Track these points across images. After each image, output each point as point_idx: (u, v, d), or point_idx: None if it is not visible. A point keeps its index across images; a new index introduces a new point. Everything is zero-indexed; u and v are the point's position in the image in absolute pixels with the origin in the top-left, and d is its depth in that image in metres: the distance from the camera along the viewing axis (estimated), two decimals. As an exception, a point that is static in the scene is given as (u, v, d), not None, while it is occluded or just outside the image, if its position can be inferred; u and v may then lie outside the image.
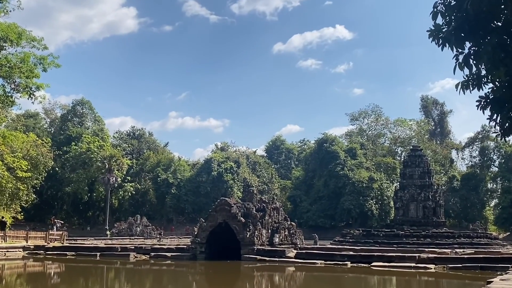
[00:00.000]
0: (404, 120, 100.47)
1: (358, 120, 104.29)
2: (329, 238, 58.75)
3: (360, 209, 74.73)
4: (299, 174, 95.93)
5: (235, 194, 76.73)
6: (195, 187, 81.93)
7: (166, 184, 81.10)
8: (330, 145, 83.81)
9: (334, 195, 79.97)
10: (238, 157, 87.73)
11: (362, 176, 77.07)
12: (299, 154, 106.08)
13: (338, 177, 79.42)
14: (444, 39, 8.89)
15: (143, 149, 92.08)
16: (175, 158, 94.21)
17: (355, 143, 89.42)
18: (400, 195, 50.11)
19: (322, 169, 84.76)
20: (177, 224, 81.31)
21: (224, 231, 31.54)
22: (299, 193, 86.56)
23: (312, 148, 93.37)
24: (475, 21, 8.50)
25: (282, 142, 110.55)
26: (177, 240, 57.09)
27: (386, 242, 41.37)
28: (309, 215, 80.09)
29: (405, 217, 49.17)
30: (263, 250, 29.65)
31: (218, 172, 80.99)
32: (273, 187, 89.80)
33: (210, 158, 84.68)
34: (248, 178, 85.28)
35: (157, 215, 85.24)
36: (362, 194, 75.52)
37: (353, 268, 25.39)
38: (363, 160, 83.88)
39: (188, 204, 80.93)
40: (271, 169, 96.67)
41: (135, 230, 57.89)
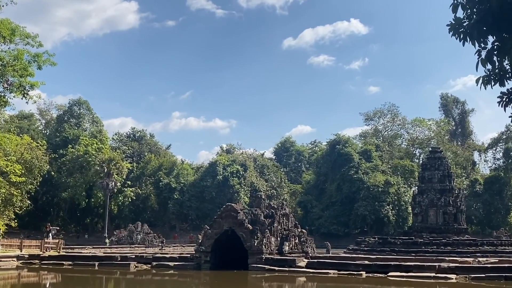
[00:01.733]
0: (423, 120, 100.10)
1: (373, 120, 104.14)
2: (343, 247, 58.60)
3: (376, 215, 74.50)
4: (310, 178, 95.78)
5: (242, 200, 76.76)
6: (199, 192, 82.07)
7: (168, 189, 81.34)
8: (343, 147, 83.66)
9: (348, 200, 79.77)
10: (245, 160, 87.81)
11: (377, 180, 76.84)
12: (310, 157, 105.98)
13: (351, 181, 79.24)
14: (465, 34, 8.81)
15: (144, 152, 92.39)
16: (178, 161, 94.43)
17: (370, 145, 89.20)
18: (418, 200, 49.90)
19: (334, 172, 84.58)
20: (180, 232, 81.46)
21: (230, 239, 31.56)
22: (310, 198, 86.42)
23: (324, 150, 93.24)
24: (499, 13, 8.42)
25: (292, 144, 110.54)
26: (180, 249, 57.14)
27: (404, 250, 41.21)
28: (321, 221, 79.97)
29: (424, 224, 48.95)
30: (272, 259, 29.64)
31: (224, 176, 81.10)
32: (282, 192, 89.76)
33: (215, 161, 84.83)
34: (255, 183, 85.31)
35: (159, 222, 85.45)
36: (377, 199, 75.27)
37: (368, 278, 25.31)
38: (378, 163, 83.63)
39: (191, 210, 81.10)
40: (280, 172, 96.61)
41: (136, 238, 58.03)
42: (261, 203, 35.18)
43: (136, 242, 57.31)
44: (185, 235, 78.75)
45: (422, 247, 41.95)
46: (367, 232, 74.48)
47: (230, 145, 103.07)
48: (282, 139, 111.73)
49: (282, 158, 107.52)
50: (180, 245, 61.31)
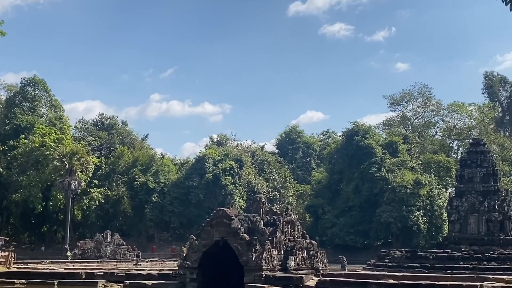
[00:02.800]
0: (462, 105, 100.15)
1: (400, 105, 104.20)
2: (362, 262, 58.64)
3: (403, 223, 74.66)
4: (321, 177, 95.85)
5: (237, 203, 76.85)
6: (183, 194, 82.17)
7: (145, 190, 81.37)
8: (362, 138, 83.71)
9: (368, 204, 79.92)
10: (240, 154, 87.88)
11: (405, 179, 76.97)
12: (322, 150, 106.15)
13: (373, 181, 79.37)
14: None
15: (115, 143, 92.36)
16: (157, 155, 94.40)
17: (396, 136, 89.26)
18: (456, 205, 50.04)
19: (351, 170, 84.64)
20: (159, 243, 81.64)
21: (222, 252, 31.56)
22: (322, 202, 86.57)
23: (339, 142, 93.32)
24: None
25: (298, 134, 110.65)
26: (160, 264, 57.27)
27: (438, 266, 41.36)
28: (334, 231, 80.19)
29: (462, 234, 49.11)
30: (273, 277, 29.66)
31: (214, 174, 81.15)
32: (287, 194, 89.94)
33: (204, 155, 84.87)
34: (253, 182, 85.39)
35: (133, 230, 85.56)
36: (405, 203, 75.42)
37: (394, 301, 25.35)
38: (406, 158, 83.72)
39: (174, 216, 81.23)
40: (284, 170, 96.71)
41: (105, 251, 58.12)
42: (261, 208, 35.14)
43: (105, 255, 57.36)
44: (166, 247, 78.85)
45: (460, 263, 42.10)
46: (392, 244, 74.66)
47: (222, 135, 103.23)
48: (286, 129, 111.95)
49: (287, 152, 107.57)
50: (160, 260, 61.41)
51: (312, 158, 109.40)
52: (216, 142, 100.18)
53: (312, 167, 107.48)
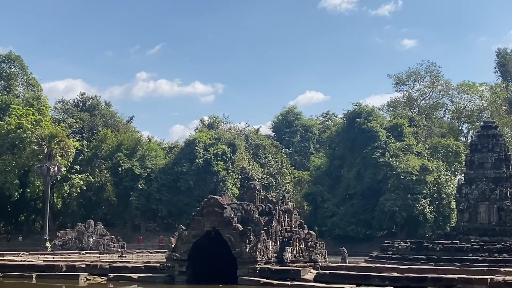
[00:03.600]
0: (473, 85, 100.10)
1: (406, 85, 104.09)
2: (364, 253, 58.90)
3: (408, 212, 74.87)
4: (320, 163, 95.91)
5: (230, 191, 76.73)
6: (172, 181, 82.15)
7: (130, 176, 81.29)
8: (365, 121, 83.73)
9: (371, 192, 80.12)
10: (233, 137, 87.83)
11: (411, 164, 77.11)
12: (321, 134, 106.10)
13: (376, 167, 79.51)
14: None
15: (97, 126, 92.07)
16: (144, 139, 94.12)
17: (402, 118, 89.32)
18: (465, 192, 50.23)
19: (353, 154, 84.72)
20: (146, 233, 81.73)
21: (213, 243, 31.66)
22: (321, 190, 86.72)
23: (340, 124, 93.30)
24: None
25: (296, 117, 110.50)
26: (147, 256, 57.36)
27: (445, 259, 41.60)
28: (334, 220, 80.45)
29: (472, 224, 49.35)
30: (269, 270, 29.81)
31: (205, 159, 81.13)
32: (283, 181, 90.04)
33: (194, 139, 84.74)
34: (247, 168, 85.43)
35: (118, 220, 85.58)
36: (410, 190, 75.58)
37: (398, 295, 25.54)
38: (412, 142, 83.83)
39: (162, 204, 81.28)
40: (281, 155, 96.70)
41: (87, 242, 58.22)
42: (255, 196, 35.21)
43: (87, 246, 57.47)
44: (153, 238, 78.88)
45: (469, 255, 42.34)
46: (396, 235, 74.96)
47: (214, 117, 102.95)
48: (284, 110, 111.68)
49: (284, 136, 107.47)
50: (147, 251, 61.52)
51: (311, 142, 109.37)
52: (207, 125, 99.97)
53: (311, 152, 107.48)
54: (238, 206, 33.28)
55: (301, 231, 34.04)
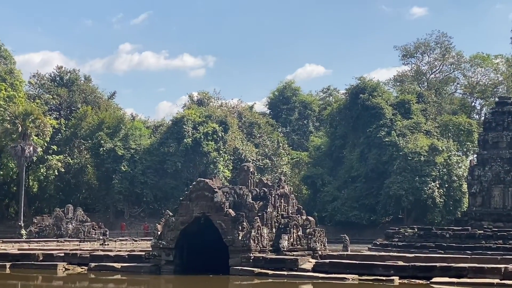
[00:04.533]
0: (487, 57, 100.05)
1: (414, 57, 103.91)
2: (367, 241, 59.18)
3: (416, 196, 75.11)
4: (320, 142, 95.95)
5: (221, 174, 76.96)
6: (158, 163, 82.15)
7: (112, 158, 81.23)
8: (369, 96, 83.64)
9: (375, 174, 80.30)
10: (225, 115, 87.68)
11: (419, 144, 77.20)
12: (322, 111, 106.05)
13: (381, 147, 79.58)
14: None
15: (76, 102, 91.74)
16: (127, 116, 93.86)
17: (409, 93, 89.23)
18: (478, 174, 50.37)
19: (356, 133, 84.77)
20: (130, 220, 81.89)
21: (203, 230, 31.79)
22: (321, 172, 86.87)
23: (342, 101, 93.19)
24: None
25: (294, 92, 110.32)
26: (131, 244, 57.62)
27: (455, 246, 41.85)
28: (336, 205, 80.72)
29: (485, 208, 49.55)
30: (263, 259, 29.98)
31: (194, 139, 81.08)
32: (280, 163, 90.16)
33: (182, 117, 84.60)
34: (240, 149, 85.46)
35: (99, 205, 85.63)
36: (418, 172, 75.74)
37: (404, 286, 25.70)
38: (421, 120, 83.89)
39: (147, 188, 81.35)
40: (277, 134, 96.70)
41: (66, 229, 58.33)
42: (249, 179, 35.30)
43: (66, 234, 57.61)
44: (137, 225, 79.11)
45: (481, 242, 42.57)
46: (403, 221, 75.28)
47: (204, 93, 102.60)
48: (280, 85, 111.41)
49: (281, 113, 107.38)
50: (131, 239, 61.80)
51: (310, 120, 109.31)
52: (196, 101, 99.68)
53: (310, 130, 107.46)
54: (230, 190, 33.36)
55: (299, 217, 34.19)
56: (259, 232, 31.08)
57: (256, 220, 31.02)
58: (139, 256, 32.97)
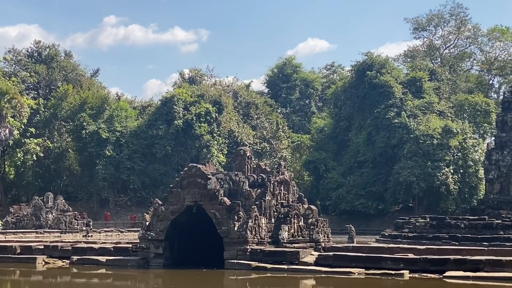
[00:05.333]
0: (506, 30, 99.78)
1: (426, 31, 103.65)
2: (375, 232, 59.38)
3: (428, 183, 75.21)
4: (323, 124, 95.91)
5: (215, 158, 76.89)
6: (146, 147, 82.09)
7: (96, 141, 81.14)
8: (377, 74, 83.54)
9: (384, 159, 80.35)
10: (219, 94, 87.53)
11: (431, 126, 77.16)
12: (325, 90, 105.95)
13: (390, 129, 79.57)
14: None
15: (56, 80, 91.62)
16: (112, 96, 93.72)
17: (421, 70, 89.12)
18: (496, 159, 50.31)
19: (363, 114, 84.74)
20: (116, 209, 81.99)
21: (196, 220, 31.84)
22: (324, 157, 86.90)
23: (347, 78, 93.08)
24: None
25: (295, 69, 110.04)
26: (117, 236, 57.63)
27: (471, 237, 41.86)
28: (340, 193, 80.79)
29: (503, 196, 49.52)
30: (261, 252, 30.04)
31: (186, 121, 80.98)
32: (279, 146, 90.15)
33: (172, 96, 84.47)
34: (236, 131, 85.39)
35: (82, 193, 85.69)
36: (431, 157, 75.79)
37: (414, 280, 25.80)
38: (433, 99, 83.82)
39: (134, 175, 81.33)
40: (276, 115, 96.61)
41: (46, 219, 58.39)
42: (246, 164, 35.32)
43: (45, 224, 57.69)
44: (123, 214, 79.18)
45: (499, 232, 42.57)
46: (413, 210, 75.44)
47: (196, 70, 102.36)
48: (280, 61, 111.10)
49: (280, 92, 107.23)
50: (117, 230, 61.80)
51: (313, 100, 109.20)
52: (188, 79, 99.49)
53: (313, 111, 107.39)
54: (224, 176, 33.37)
55: (300, 206, 34.23)
56: (257, 222, 31.14)
57: (253, 209, 31.06)
58: (125, 249, 33.02)
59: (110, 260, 31.71)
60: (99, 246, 34.27)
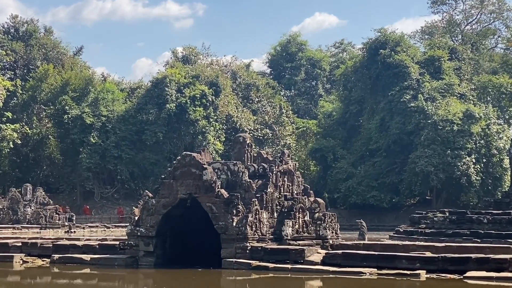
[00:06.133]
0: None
1: (446, 4, 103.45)
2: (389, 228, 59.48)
3: (447, 173, 75.20)
4: (332, 108, 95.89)
5: (211, 146, 76.97)
6: (134, 133, 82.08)
7: (79, 127, 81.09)
8: (392, 52, 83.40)
9: (399, 147, 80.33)
10: (216, 75, 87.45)
11: (451, 110, 77.11)
12: (334, 70, 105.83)
13: (406, 113, 79.49)
14: None
15: (35, 59, 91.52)
16: (97, 77, 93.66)
17: (440, 49, 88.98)
18: (522, 147, 50.34)
19: (375, 97, 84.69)
20: (101, 202, 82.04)
21: (190, 214, 31.84)
22: (333, 144, 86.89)
23: (358, 58, 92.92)
24: None
25: (301, 47, 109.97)
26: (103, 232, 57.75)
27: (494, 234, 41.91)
28: (350, 184, 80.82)
29: (530, 189, 49.56)
30: (263, 250, 30.05)
31: (179, 104, 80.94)
32: (283, 133, 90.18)
33: (164, 77, 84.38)
34: (235, 116, 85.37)
35: (64, 184, 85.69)
36: (451, 145, 75.75)
37: (432, 281, 25.78)
38: (454, 81, 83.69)
39: (121, 164, 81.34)
40: (280, 98, 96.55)
41: (23, 213, 58.40)
42: (245, 153, 35.30)
43: (24, 219, 57.68)
44: (110, 208, 79.28)
45: (527, 228, 42.67)
46: (431, 203, 75.53)
47: (191, 48, 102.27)
48: (283, 39, 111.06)
49: (284, 73, 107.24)
50: (102, 225, 61.96)
51: (320, 82, 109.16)
52: (182, 59, 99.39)
53: (320, 94, 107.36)
54: (222, 166, 33.35)
55: (306, 199, 34.25)
56: (258, 217, 31.14)
57: (253, 203, 31.06)
58: (112, 246, 33.03)
59: (95, 259, 31.72)
60: (83, 243, 34.27)
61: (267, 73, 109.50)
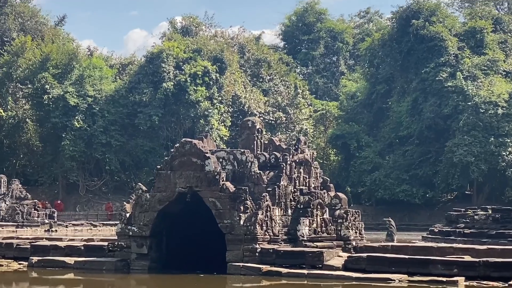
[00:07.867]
0: None
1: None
2: (422, 228, 59.58)
3: (490, 165, 75.22)
4: (356, 88, 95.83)
5: (215, 132, 77.05)
6: (126, 116, 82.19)
7: (62, 109, 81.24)
8: (426, 23, 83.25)
9: (434, 133, 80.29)
10: (221, 49, 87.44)
11: (496, 91, 77.06)
12: (357, 44, 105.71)
13: (442, 94, 79.44)
14: None
15: (10, 30, 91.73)
16: (83, 51, 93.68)
17: (482, 19, 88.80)
18: None
19: (406, 76, 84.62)
20: (87, 196, 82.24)
21: (190, 211, 31.91)
22: (356, 130, 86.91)
23: (387, 29, 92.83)
24: None
25: (319, 17, 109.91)
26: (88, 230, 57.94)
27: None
28: (377, 177, 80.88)
29: None
30: (275, 253, 30.09)
31: (178, 83, 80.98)
32: (298, 117, 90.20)
33: (160, 51, 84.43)
34: (242, 97, 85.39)
35: (44, 175, 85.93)
36: (494, 131, 75.76)
37: (471, 290, 25.90)
38: (498, 56, 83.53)
39: (111, 152, 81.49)
40: (295, 76, 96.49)
41: (-3, 208, 58.73)
42: (255, 140, 35.32)
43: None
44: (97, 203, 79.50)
45: None
46: (471, 199, 75.54)
47: (191, 18, 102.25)
48: (299, 6, 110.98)
49: (300, 47, 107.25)
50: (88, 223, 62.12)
51: (342, 57, 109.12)
52: (181, 30, 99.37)
53: (342, 71, 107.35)
54: (227, 155, 33.38)
55: (325, 194, 34.28)
56: (269, 215, 31.17)
57: (264, 198, 31.08)
58: (99, 248, 33.11)
59: (80, 262, 31.78)
60: (65, 244, 34.37)
61: (280, 47, 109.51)
